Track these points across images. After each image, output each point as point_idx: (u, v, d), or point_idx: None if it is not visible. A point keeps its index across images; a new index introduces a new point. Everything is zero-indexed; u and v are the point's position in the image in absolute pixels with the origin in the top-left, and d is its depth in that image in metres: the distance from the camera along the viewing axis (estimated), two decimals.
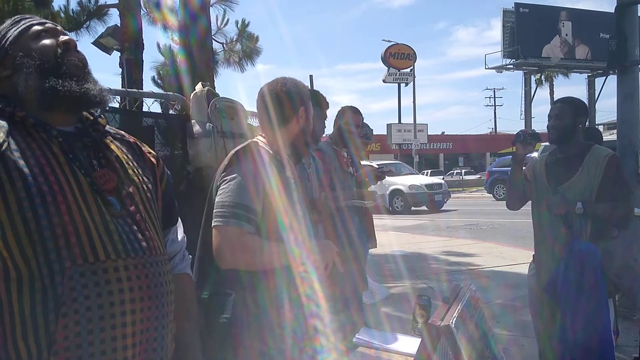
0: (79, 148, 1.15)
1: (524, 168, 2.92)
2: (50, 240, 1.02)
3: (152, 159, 1.33)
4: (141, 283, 1.10)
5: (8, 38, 1.17)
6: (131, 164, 1.24)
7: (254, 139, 1.83)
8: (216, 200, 1.63)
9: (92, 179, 1.12)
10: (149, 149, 1.37)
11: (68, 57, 1.17)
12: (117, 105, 3.59)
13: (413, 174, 18.26)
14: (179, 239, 1.40)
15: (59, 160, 1.09)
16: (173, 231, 1.38)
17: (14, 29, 1.19)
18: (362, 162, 3.87)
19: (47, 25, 1.21)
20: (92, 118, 1.23)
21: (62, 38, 1.19)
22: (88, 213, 1.08)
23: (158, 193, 1.30)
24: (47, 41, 1.18)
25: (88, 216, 1.08)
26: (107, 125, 1.28)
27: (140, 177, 1.23)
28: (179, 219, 1.42)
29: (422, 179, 17.38)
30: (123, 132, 1.33)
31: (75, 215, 1.06)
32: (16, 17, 1.23)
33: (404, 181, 16.24)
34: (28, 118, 1.11)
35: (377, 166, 4.92)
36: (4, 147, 1.03)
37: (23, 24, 1.20)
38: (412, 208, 15.92)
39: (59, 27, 1.23)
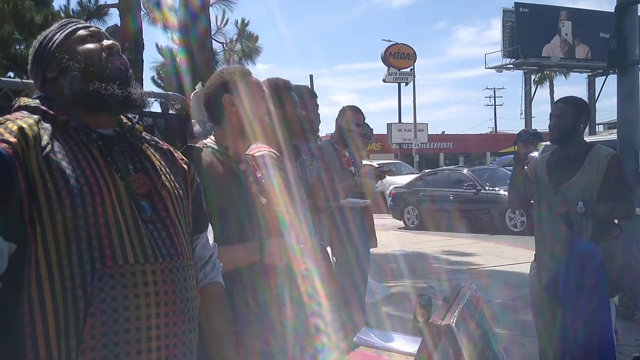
0: (116, 152, 1.18)
1: (525, 167, 2.92)
2: (84, 240, 1.05)
3: (184, 165, 1.36)
4: (167, 288, 1.13)
5: (55, 41, 1.21)
6: (164, 170, 1.27)
7: (202, 140, 1.78)
8: None
9: (128, 183, 1.15)
10: (182, 155, 1.40)
11: (112, 61, 1.21)
12: None
13: (413, 173, 18.25)
14: (210, 244, 1.42)
15: (99, 163, 1.13)
16: (203, 237, 1.40)
17: (60, 32, 1.23)
18: (363, 162, 3.87)
19: (91, 29, 1.25)
20: (130, 123, 1.27)
21: (106, 42, 1.22)
22: (122, 216, 1.10)
23: (188, 199, 1.32)
24: (91, 45, 1.21)
25: (122, 219, 1.10)
26: (144, 132, 1.31)
27: (172, 183, 1.26)
28: (210, 225, 1.44)
29: None
30: (157, 139, 1.37)
31: (110, 218, 1.08)
32: (63, 20, 1.28)
33: (404, 180, 16.24)
34: (70, 121, 1.14)
35: (377, 166, 4.92)
36: (48, 149, 1.07)
37: (69, 28, 1.24)
38: None
39: (102, 31, 1.27)
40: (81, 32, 1.23)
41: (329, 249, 2.16)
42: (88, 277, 1.03)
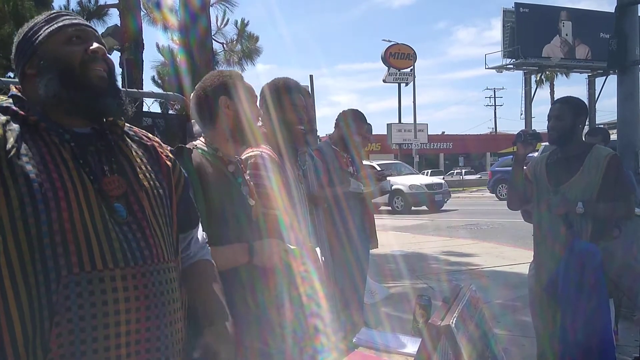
0: (91, 152, 1.14)
1: (525, 168, 2.92)
2: (48, 248, 1.01)
3: (168, 163, 1.31)
4: (138, 293, 1.09)
5: (39, 36, 1.16)
6: (143, 168, 1.22)
7: (192, 142, 1.77)
8: None
9: (100, 185, 1.11)
10: (168, 151, 1.35)
11: (93, 67, 1.16)
12: None
13: (413, 173, 18.24)
14: (200, 240, 1.40)
15: (68, 166, 1.09)
16: (193, 233, 1.38)
17: (46, 27, 1.17)
18: (363, 162, 3.86)
19: (79, 28, 1.19)
20: (111, 119, 1.22)
21: (92, 46, 1.17)
22: (90, 221, 1.07)
23: (173, 197, 1.28)
24: (75, 48, 1.16)
25: (90, 224, 1.06)
26: (127, 126, 1.27)
27: (151, 182, 1.22)
28: (199, 222, 1.41)
29: (423, 179, 17.36)
30: (142, 134, 1.32)
31: (76, 223, 1.05)
32: (52, 13, 1.21)
33: (404, 181, 16.22)
34: (40, 122, 1.11)
35: (378, 168, 4.91)
36: (12, 153, 1.03)
37: (55, 24, 1.17)
38: (413, 208, 15.91)
39: (91, 30, 1.21)
40: (68, 30, 1.17)
41: (317, 249, 2.16)
42: (53, 285, 1.01)
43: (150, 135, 1.35)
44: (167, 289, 1.15)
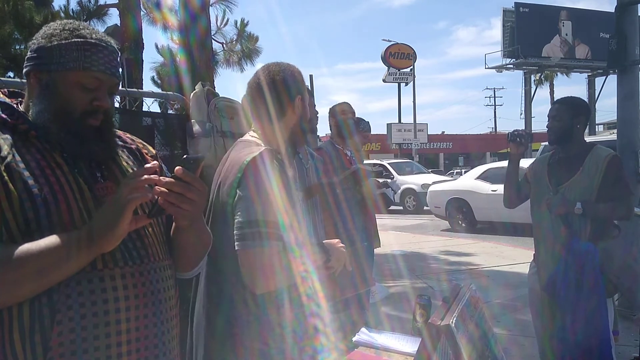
0: (82, 159, 1.15)
1: (526, 168, 2.93)
2: None
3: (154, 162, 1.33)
4: (137, 291, 1.12)
5: (61, 59, 1.12)
6: (131, 171, 1.24)
7: (251, 138, 1.73)
8: (240, 219, 1.52)
9: (93, 192, 1.13)
10: (149, 148, 1.38)
11: (90, 119, 1.15)
12: (117, 104, 3.60)
13: (424, 172, 17.97)
14: None
15: (63, 170, 1.11)
16: None
17: (76, 55, 1.13)
18: (366, 162, 3.88)
19: (99, 77, 1.15)
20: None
21: (99, 101, 1.15)
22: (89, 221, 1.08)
23: None
24: (84, 95, 1.14)
25: None
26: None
27: None
28: None
29: (434, 178, 17.02)
30: (125, 138, 1.33)
31: (77, 224, 1.07)
32: (88, 43, 1.15)
33: (415, 180, 16.03)
34: (30, 130, 1.12)
35: (389, 167, 4.91)
36: (9, 159, 1.05)
37: (83, 61, 1.13)
38: (425, 207, 15.69)
39: (107, 81, 1.17)
40: (90, 75, 1.14)
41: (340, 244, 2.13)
42: (54, 284, 1.02)
43: (133, 137, 1.37)
44: (163, 287, 1.18)
